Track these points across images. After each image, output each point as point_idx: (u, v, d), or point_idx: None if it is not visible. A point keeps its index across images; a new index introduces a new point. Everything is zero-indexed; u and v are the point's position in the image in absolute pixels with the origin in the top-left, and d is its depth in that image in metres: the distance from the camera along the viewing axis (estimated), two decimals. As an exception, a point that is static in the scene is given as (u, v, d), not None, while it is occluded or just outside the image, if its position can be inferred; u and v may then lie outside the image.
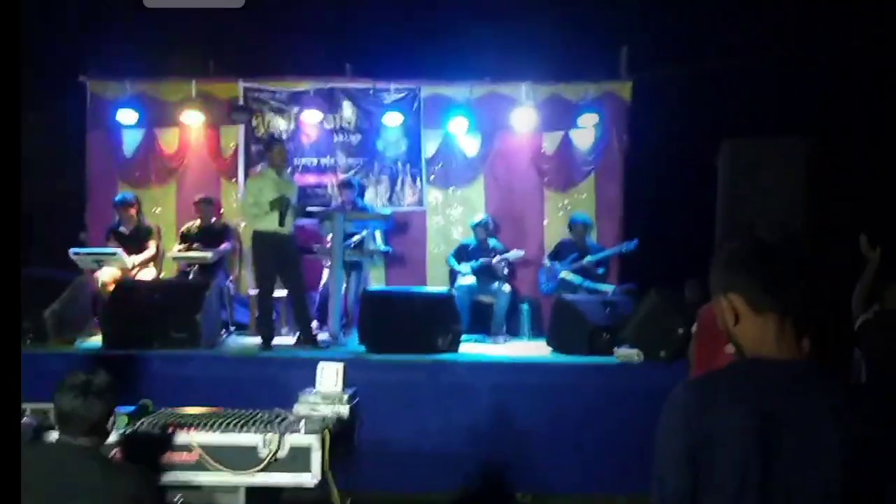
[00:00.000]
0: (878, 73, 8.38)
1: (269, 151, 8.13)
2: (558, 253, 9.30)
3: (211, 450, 3.68)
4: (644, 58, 9.59)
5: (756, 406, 1.83)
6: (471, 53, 9.41)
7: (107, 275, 8.36)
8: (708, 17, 8.83)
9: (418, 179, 10.07)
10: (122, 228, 8.97)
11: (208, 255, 8.70)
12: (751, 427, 1.82)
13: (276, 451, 3.69)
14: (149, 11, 6.98)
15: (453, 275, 9.39)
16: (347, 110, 10.09)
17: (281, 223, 7.65)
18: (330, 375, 4.28)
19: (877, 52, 8.30)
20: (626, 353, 7.21)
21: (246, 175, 9.98)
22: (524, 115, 9.77)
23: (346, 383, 4.30)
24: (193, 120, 9.88)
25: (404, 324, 7.59)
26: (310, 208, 8.78)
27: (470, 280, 9.06)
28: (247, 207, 7.99)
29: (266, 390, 4.71)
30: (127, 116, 9.83)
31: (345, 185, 9.26)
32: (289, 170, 8.87)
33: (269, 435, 3.71)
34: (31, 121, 10.89)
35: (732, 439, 1.82)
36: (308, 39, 9.82)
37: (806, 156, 7.22)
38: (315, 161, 10.11)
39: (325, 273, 8.83)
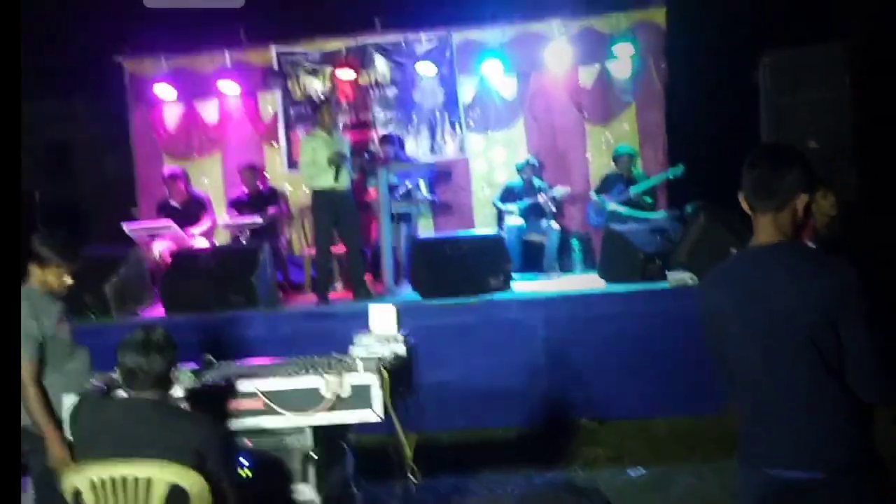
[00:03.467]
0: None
1: (319, 113, 8.27)
2: (605, 186, 9.25)
3: (274, 395, 3.78)
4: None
5: (743, 284, 2.49)
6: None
7: (162, 246, 8.55)
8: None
9: (458, 126, 10.01)
10: (172, 202, 9.14)
11: (258, 220, 8.85)
12: (739, 301, 2.49)
13: (338, 392, 3.76)
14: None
15: (501, 217, 9.41)
16: (381, 65, 10.07)
17: (336, 178, 7.77)
18: (383, 317, 4.35)
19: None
20: (679, 277, 7.17)
21: (287, 139, 10.14)
22: (558, 52, 9.62)
23: (401, 327, 4.36)
24: (231, 89, 9.97)
25: (455, 268, 7.60)
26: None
27: (518, 221, 9.07)
28: (304, 168, 8.09)
29: (325, 343, 4.78)
30: (165, 92, 10.00)
31: (384, 139, 9.34)
32: (339, 129, 8.85)
33: (329, 376, 3.79)
34: (75, 108, 11.17)
35: (729, 310, 2.52)
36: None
37: (847, 61, 7.08)
38: (354, 118, 10.09)
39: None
